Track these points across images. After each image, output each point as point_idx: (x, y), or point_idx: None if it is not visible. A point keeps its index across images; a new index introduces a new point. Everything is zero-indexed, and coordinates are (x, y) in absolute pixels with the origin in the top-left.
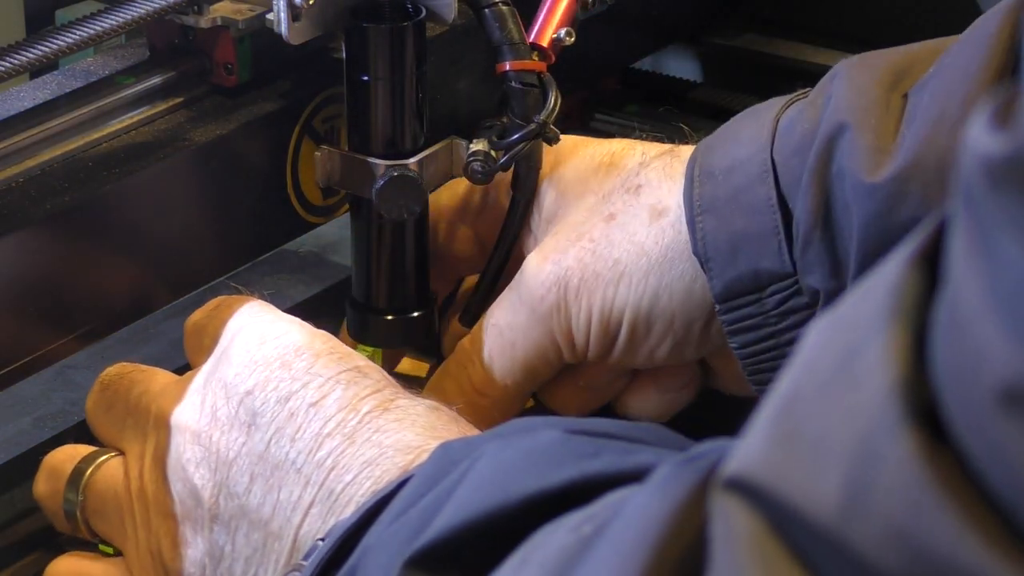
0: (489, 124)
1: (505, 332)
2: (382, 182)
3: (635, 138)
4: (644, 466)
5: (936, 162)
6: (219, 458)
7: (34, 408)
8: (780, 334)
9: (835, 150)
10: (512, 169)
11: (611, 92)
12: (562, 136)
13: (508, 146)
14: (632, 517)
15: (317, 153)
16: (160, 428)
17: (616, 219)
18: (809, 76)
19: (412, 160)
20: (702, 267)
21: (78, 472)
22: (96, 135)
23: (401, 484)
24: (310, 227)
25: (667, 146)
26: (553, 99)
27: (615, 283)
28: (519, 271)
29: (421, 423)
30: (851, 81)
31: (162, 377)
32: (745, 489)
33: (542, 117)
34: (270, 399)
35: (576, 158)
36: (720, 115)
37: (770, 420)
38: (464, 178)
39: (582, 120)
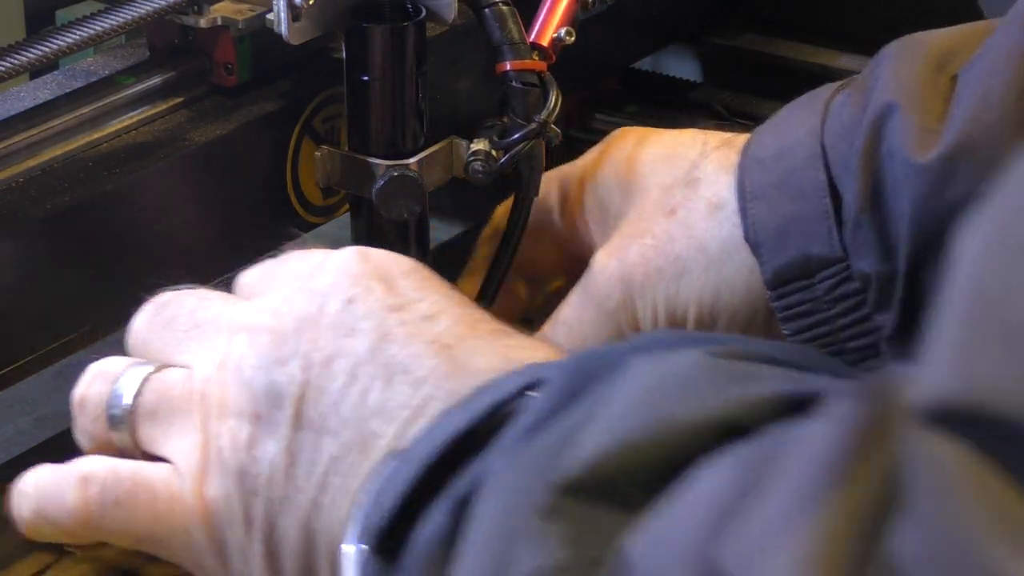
0: (490, 124)
1: (575, 328)
2: (382, 182)
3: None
4: (808, 393)
5: (985, 141)
6: (310, 360)
7: (34, 408)
8: (833, 320)
9: (884, 131)
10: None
11: (611, 92)
12: (627, 128)
13: (509, 146)
14: (808, 455)
15: (317, 153)
16: (238, 333)
17: (676, 214)
18: (809, 76)
19: (412, 160)
20: (754, 254)
21: (135, 374)
22: (96, 135)
23: (523, 390)
24: (310, 227)
25: (727, 136)
26: (554, 99)
27: (677, 279)
28: (587, 268)
29: (546, 347)
30: (898, 62)
31: (230, 297)
32: (947, 417)
33: (543, 117)
34: (375, 307)
35: (642, 151)
36: (720, 115)
37: (959, 329)
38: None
39: (582, 120)
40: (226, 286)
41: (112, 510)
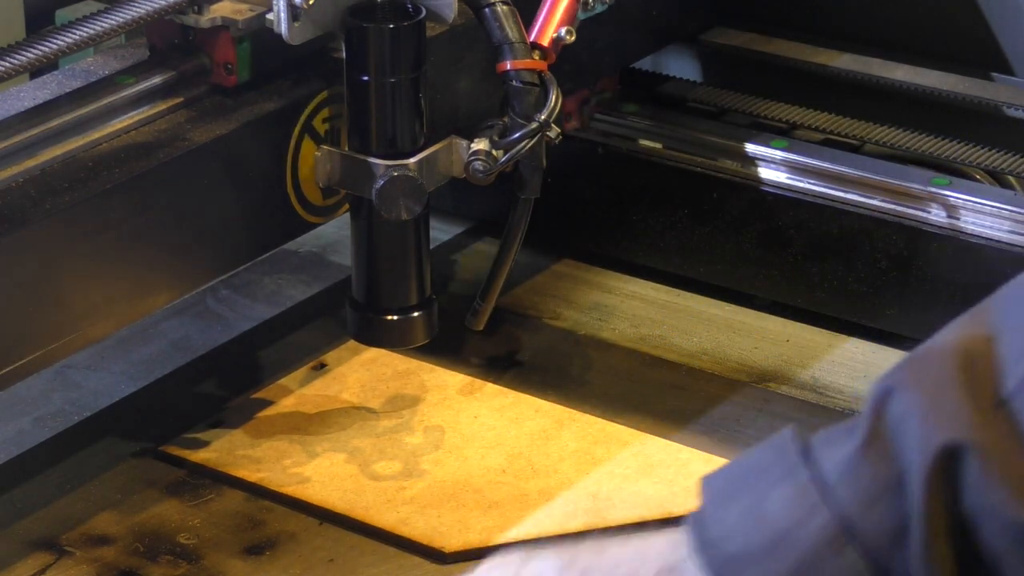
0: (491, 124)
1: None
2: (382, 182)
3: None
4: None
5: None
6: None
7: (34, 408)
8: None
9: (957, 484)
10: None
11: (611, 92)
12: None
13: (509, 145)
14: None
15: (317, 153)
16: None
17: None
18: (809, 76)
19: (412, 160)
20: None
21: None
22: (96, 135)
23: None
24: (310, 227)
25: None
26: (554, 98)
27: None
28: None
29: None
30: (920, 392)
31: None
32: None
33: (543, 116)
34: None
35: None
36: (720, 115)
37: None
38: None
39: (582, 120)
40: (225, 286)
41: None
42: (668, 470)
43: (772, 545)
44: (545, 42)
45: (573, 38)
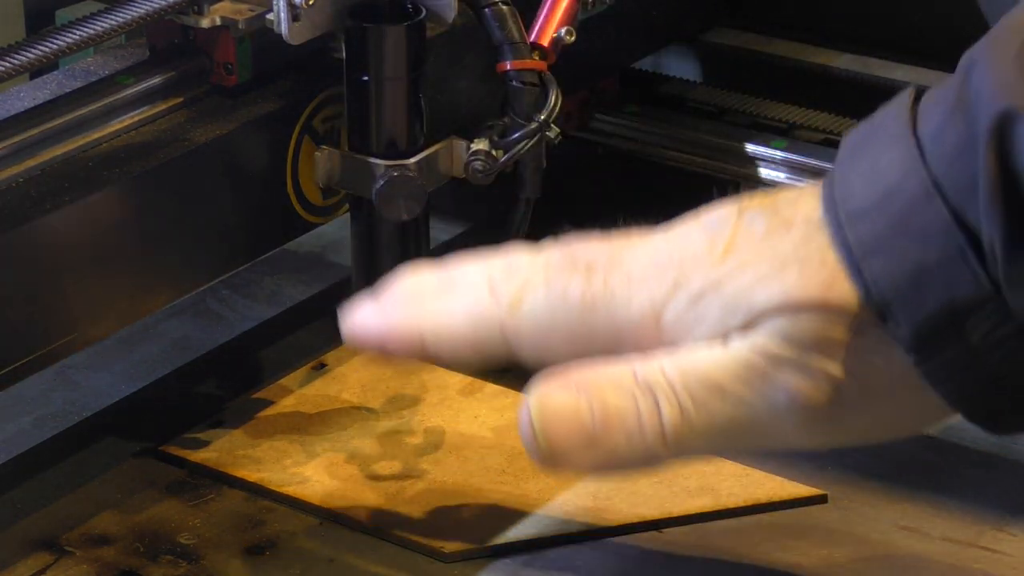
0: (490, 124)
1: None
2: (382, 182)
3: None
4: None
5: None
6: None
7: (34, 408)
8: (994, 368)
9: (1010, 144)
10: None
11: (611, 92)
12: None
13: (509, 145)
14: None
15: (317, 153)
16: None
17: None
18: (809, 76)
19: (412, 160)
20: (880, 318)
21: None
22: (96, 135)
23: None
24: (310, 227)
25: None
26: (554, 98)
27: None
28: None
29: None
30: (994, 63)
31: None
32: None
33: (543, 116)
34: None
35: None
36: (720, 115)
37: None
38: None
39: (582, 120)
40: (225, 286)
41: None
42: (668, 470)
43: (880, 200)
44: (545, 42)
45: (573, 38)
